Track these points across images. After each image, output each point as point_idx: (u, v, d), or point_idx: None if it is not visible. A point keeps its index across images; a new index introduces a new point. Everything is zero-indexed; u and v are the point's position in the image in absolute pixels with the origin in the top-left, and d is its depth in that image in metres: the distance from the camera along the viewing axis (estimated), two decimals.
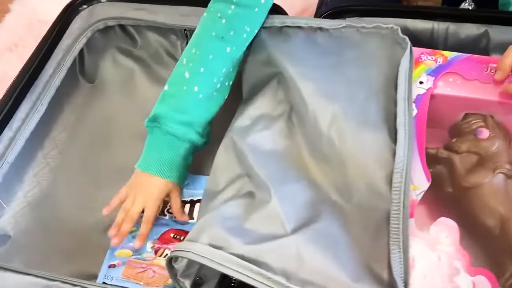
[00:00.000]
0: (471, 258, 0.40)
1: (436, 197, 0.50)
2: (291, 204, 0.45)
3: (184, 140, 0.55)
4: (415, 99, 0.51)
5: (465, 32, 0.61)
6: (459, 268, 0.40)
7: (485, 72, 0.52)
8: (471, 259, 0.40)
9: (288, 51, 0.56)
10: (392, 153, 0.46)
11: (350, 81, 0.53)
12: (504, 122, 0.53)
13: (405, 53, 0.53)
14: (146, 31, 0.75)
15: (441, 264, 0.40)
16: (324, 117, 0.49)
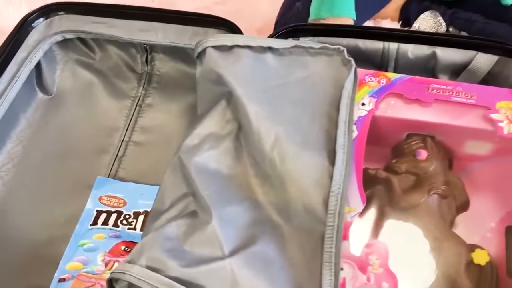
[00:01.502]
0: (398, 280, 0.42)
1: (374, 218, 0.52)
2: (231, 226, 0.46)
3: None
4: (356, 121, 0.52)
5: (415, 53, 0.63)
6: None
7: (426, 92, 0.54)
8: (398, 281, 0.42)
9: (237, 71, 0.57)
10: (330, 176, 0.47)
11: (295, 103, 0.54)
12: (445, 142, 0.55)
13: (349, 76, 0.55)
14: (106, 44, 0.75)
15: (370, 285, 0.42)
16: (268, 138, 0.50)
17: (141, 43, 0.72)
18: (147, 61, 0.76)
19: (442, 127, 0.53)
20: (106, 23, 0.71)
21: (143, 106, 0.74)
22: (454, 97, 0.53)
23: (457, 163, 0.57)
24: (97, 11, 0.70)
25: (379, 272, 0.43)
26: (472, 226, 0.52)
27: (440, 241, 0.46)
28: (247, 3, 0.86)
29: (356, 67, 0.56)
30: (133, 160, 0.68)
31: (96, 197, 0.63)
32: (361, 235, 0.47)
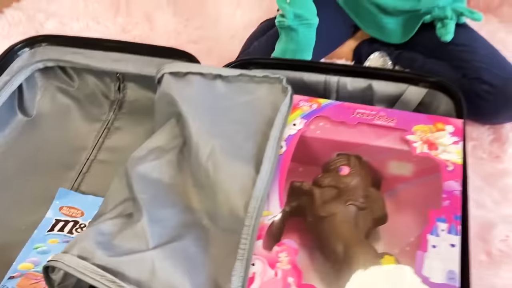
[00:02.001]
0: (303, 275, 0.46)
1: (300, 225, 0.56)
2: (160, 225, 0.51)
3: None
4: (286, 138, 0.58)
5: (353, 85, 0.69)
6: (291, 283, 0.45)
7: (351, 116, 0.60)
8: (303, 276, 0.46)
9: (187, 93, 0.63)
10: (255, 183, 0.52)
11: (235, 122, 0.60)
12: (371, 162, 0.60)
13: (285, 100, 0.61)
14: (84, 73, 0.83)
15: (277, 279, 0.46)
16: (204, 150, 0.56)
17: (114, 72, 0.80)
18: (120, 89, 0.83)
19: (364, 147, 0.58)
20: (83, 54, 0.79)
21: (112, 129, 0.80)
22: (376, 121, 0.59)
23: (385, 183, 0.61)
24: (76, 43, 0.79)
25: (286, 268, 0.47)
26: (394, 240, 0.56)
27: (350, 247, 0.50)
28: (218, 43, 0.95)
29: (293, 94, 0.63)
30: (96, 176, 0.74)
31: (56, 207, 0.69)
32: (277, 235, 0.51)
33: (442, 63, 0.77)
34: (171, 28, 0.99)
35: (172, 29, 0.99)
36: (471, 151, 0.71)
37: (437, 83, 0.65)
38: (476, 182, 0.67)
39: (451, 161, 0.54)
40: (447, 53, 0.77)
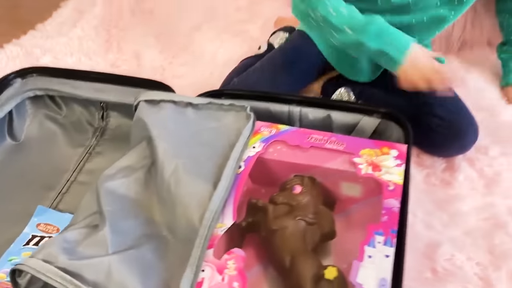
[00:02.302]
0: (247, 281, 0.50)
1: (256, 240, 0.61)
2: (121, 234, 0.55)
3: None
4: (245, 159, 0.63)
5: (313, 115, 0.75)
6: (236, 287, 0.49)
7: (305, 140, 0.65)
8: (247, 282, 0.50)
9: (158, 119, 0.69)
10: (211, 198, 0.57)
11: (200, 145, 0.66)
12: (324, 183, 0.65)
13: (247, 126, 0.67)
14: (71, 102, 0.89)
15: (223, 284, 0.50)
16: (168, 168, 0.61)
17: (99, 101, 0.87)
18: (103, 117, 0.89)
19: (317, 168, 0.63)
20: (70, 84, 0.86)
21: (93, 153, 0.86)
22: (328, 145, 0.64)
23: (340, 204, 0.66)
24: (64, 74, 0.86)
25: (233, 274, 0.50)
26: (343, 255, 0.60)
27: (297, 258, 0.54)
28: (200, 78, 1.02)
29: (255, 120, 0.69)
30: (73, 196, 0.78)
31: (34, 223, 0.73)
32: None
33: (400, 98, 0.83)
34: (158, 65, 1.07)
35: (158, 65, 1.06)
36: (425, 178, 0.76)
37: (388, 114, 0.71)
38: (428, 206, 0.71)
39: (393, 182, 0.59)
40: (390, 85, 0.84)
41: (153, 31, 1.18)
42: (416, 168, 0.77)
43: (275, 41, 1.02)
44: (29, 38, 1.18)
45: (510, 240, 0.66)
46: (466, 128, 0.77)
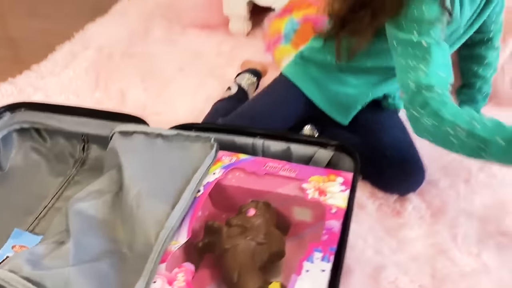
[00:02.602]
0: None
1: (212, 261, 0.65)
2: (83, 249, 0.60)
3: None
4: (205, 184, 0.69)
5: (275, 147, 0.82)
6: None
7: (261, 168, 0.71)
8: None
9: (129, 148, 0.76)
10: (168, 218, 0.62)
11: (166, 171, 0.72)
12: (279, 209, 0.70)
13: (210, 154, 0.73)
14: (56, 135, 0.96)
15: None
16: (132, 192, 0.67)
17: (80, 134, 0.93)
18: (84, 149, 0.96)
19: (269, 193, 0.69)
20: (54, 118, 0.93)
21: (72, 182, 0.91)
22: (281, 172, 0.70)
23: (294, 228, 0.71)
24: (49, 109, 0.93)
25: (181, 285, 0.55)
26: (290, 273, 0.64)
27: (244, 275, 0.59)
28: (180, 115, 1.09)
29: (218, 149, 0.75)
30: (50, 221, 0.82)
31: (9, 245, 0.77)
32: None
33: (357, 138, 0.90)
34: (140, 103, 1.14)
35: (140, 104, 1.14)
36: (378, 207, 0.81)
37: (340, 147, 0.77)
38: (379, 233, 0.76)
39: (335, 205, 0.64)
40: (363, 129, 0.91)
41: (139, 72, 1.26)
42: (370, 198, 0.83)
43: (243, 81, 1.10)
44: (23, 78, 1.27)
45: (451, 264, 0.70)
46: (413, 172, 0.84)
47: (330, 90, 0.93)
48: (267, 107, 0.96)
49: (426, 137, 0.73)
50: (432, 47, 0.72)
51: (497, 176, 0.85)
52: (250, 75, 1.12)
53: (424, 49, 0.72)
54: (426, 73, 0.71)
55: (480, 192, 0.82)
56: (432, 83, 0.70)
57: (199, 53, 1.32)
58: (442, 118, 0.68)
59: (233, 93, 1.07)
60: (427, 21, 0.72)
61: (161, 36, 1.47)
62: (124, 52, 1.37)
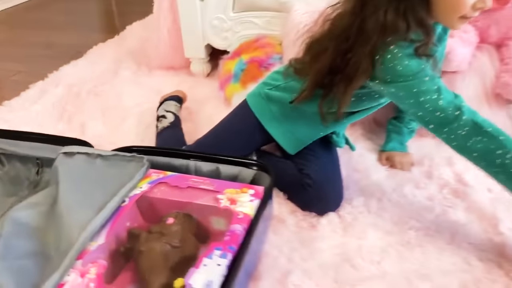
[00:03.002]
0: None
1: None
2: (11, 249, 0.67)
3: None
4: (131, 196, 0.77)
5: (206, 168, 0.90)
6: (92, 286, 0.61)
7: (184, 182, 0.80)
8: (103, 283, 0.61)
9: (69, 167, 0.84)
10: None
11: (99, 186, 0.80)
12: (199, 219, 0.78)
13: (140, 171, 0.82)
14: (13, 159, 1.05)
15: (82, 284, 0.61)
16: (63, 202, 0.75)
17: (35, 157, 1.02)
18: (38, 172, 1.04)
19: (189, 204, 0.77)
20: (12, 143, 1.02)
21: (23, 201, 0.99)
22: (201, 186, 0.79)
23: (213, 238, 0.78)
24: (7, 135, 1.02)
25: (92, 277, 0.62)
26: None
27: (155, 272, 0.66)
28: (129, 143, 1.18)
29: (149, 167, 0.84)
30: None
31: None
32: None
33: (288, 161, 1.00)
34: (98, 133, 1.24)
35: (98, 134, 1.24)
36: (297, 222, 0.89)
37: (261, 166, 0.86)
38: (294, 244, 0.83)
39: (243, 212, 0.72)
40: (298, 156, 0.99)
41: (102, 107, 1.37)
42: (291, 215, 0.91)
43: (173, 109, 1.21)
44: None
45: (353, 271, 0.77)
46: (333, 197, 0.92)
47: (286, 127, 1.00)
48: (228, 137, 1.04)
49: (477, 155, 0.78)
50: (435, 79, 0.79)
51: (407, 196, 0.94)
52: (175, 102, 1.23)
53: (429, 83, 0.78)
54: (443, 98, 0.77)
55: (390, 209, 0.90)
56: (456, 103, 0.78)
57: (160, 91, 1.43)
58: (488, 132, 0.75)
59: (172, 120, 1.17)
60: (415, 71, 0.78)
61: (128, 76, 1.59)
62: (91, 90, 1.48)
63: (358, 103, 0.91)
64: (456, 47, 1.03)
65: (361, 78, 0.82)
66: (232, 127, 1.05)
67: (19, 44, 2.08)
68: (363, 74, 0.81)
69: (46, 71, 1.66)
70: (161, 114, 1.20)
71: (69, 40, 2.05)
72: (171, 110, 1.21)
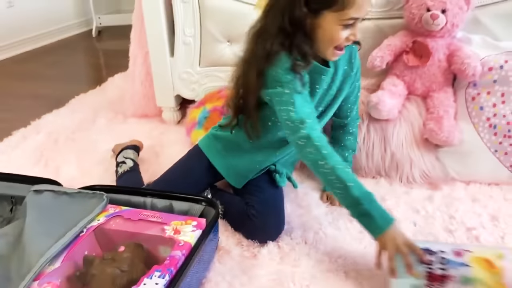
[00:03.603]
0: None
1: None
2: None
3: None
4: (88, 227, 0.88)
5: (160, 204, 1.02)
6: None
7: (137, 215, 0.91)
8: None
9: (37, 202, 0.95)
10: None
11: (62, 218, 0.91)
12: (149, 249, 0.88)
13: (99, 206, 0.93)
14: None
15: None
16: (28, 232, 0.85)
17: (9, 196, 1.12)
18: (12, 210, 1.14)
19: (139, 234, 0.88)
20: None
21: None
22: (151, 218, 0.90)
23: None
24: None
25: None
26: None
27: None
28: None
29: (107, 203, 0.95)
30: None
31: None
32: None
33: (237, 196, 1.12)
34: (71, 176, 1.35)
35: (70, 177, 1.35)
36: (241, 252, 0.99)
37: (208, 202, 0.98)
38: (236, 272, 0.93)
39: (184, 240, 0.83)
40: (245, 190, 1.12)
41: (76, 152, 1.49)
42: (236, 246, 1.01)
43: (132, 156, 1.34)
44: None
45: None
46: (273, 226, 1.03)
47: (228, 161, 1.13)
48: (182, 174, 1.15)
49: (308, 163, 0.93)
50: (294, 94, 0.93)
51: (341, 229, 1.05)
52: (133, 151, 1.37)
53: (288, 95, 0.93)
54: (295, 111, 0.92)
55: (324, 241, 1.01)
56: (303, 118, 0.92)
57: (132, 137, 1.56)
58: (317, 146, 0.90)
59: (131, 165, 1.29)
60: (285, 79, 0.93)
61: (104, 124, 1.72)
62: (68, 137, 1.61)
63: (274, 126, 1.04)
64: (384, 99, 1.19)
65: (254, 92, 0.98)
66: (185, 165, 1.18)
67: (6, 95, 2.22)
68: (255, 88, 0.97)
69: (29, 119, 1.79)
70: (121, 161, 1.33)
71: (54, 91, 2.20)
72: (130, 157, 1.34)
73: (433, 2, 1.18)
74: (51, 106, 1.93)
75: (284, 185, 1.13)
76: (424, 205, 1.13)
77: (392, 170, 1.24)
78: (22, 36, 3.01)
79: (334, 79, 1.05)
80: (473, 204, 1.13)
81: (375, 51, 1.26)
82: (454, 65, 1.19)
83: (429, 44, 1.20)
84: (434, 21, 1.17)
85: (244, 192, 1.13)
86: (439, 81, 1.23)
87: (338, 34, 0.91)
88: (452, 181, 1.22)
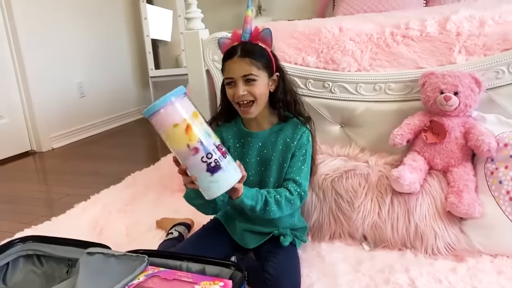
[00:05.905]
0: None
1: None
2: None
3: None
4: (129, 285, 1.00)
5: (195, 268, 1.12)
6: None
7: (173, 276, 1.02)
8: None
9: (88, 263, 1.10)
10: None
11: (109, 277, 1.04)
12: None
13: (140, 267, 1.05)
14: (50, 260, 1.31)
15: None
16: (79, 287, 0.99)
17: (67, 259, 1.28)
18: (68, 272, 1.29)
19: None
20: (50, 247, 1.29)
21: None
22: (184, 278, 1.01)
23: None
24: (47, 240, 1.30)
25: None
26: None
27: None
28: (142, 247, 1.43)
29: (148, 264, 1.07)
30: None
31: None
32: None
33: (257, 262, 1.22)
34: (121, 242, 1.50)
35: (120, 242, 1.50)
36: None
37: (236, 266, 1.08)
38: None
39: None
40: (262, 256, 1.22)
41: (126, 222, 1.66)
42: None
43: (180, 230, 1.49)
44: (44, 225, 1.69)
45: None
46: (285, 286, 1.13)
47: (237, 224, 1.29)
48: (201, 240, 1.33)
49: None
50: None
51: None
52: (184, 228, 1.53)
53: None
54: None
55: None
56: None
57: (177, 210, 1.71)
58: None
59: (175, 236, 1.44)
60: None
61: (154, 197, 1.90)
62: (121, 209, 1.79)
63: None
64: (404, 173, 1.27)
65: None
66: (203, 234, 1.36)
67: (70, 173, 2.50)
68: None
69: (89, 194, 2.01)
70: (170, 232, 1.50)
71: (112, 169, 2.45)
72: (178, 230, 1.50)
73: (446, 85, 1.30)
74: (109, 182, 2.15)
75: (287, 244, 1.22)
76: (447, 276, 1.15)
77: (417, 242, 1.28)
78: (90, 121, 3.40)
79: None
80: (498, 277, 1.14)
81: (396, 129, 1.37)
82: (470, 141, 1.27)
83: (445, 123, 1.30)
84: (447, 102, 1.28)
85: (260, 257, 1.26)
86: (457, 157, 1.30)
87: (227, 92, 1.24)
88: (478, 253, 1.24)
